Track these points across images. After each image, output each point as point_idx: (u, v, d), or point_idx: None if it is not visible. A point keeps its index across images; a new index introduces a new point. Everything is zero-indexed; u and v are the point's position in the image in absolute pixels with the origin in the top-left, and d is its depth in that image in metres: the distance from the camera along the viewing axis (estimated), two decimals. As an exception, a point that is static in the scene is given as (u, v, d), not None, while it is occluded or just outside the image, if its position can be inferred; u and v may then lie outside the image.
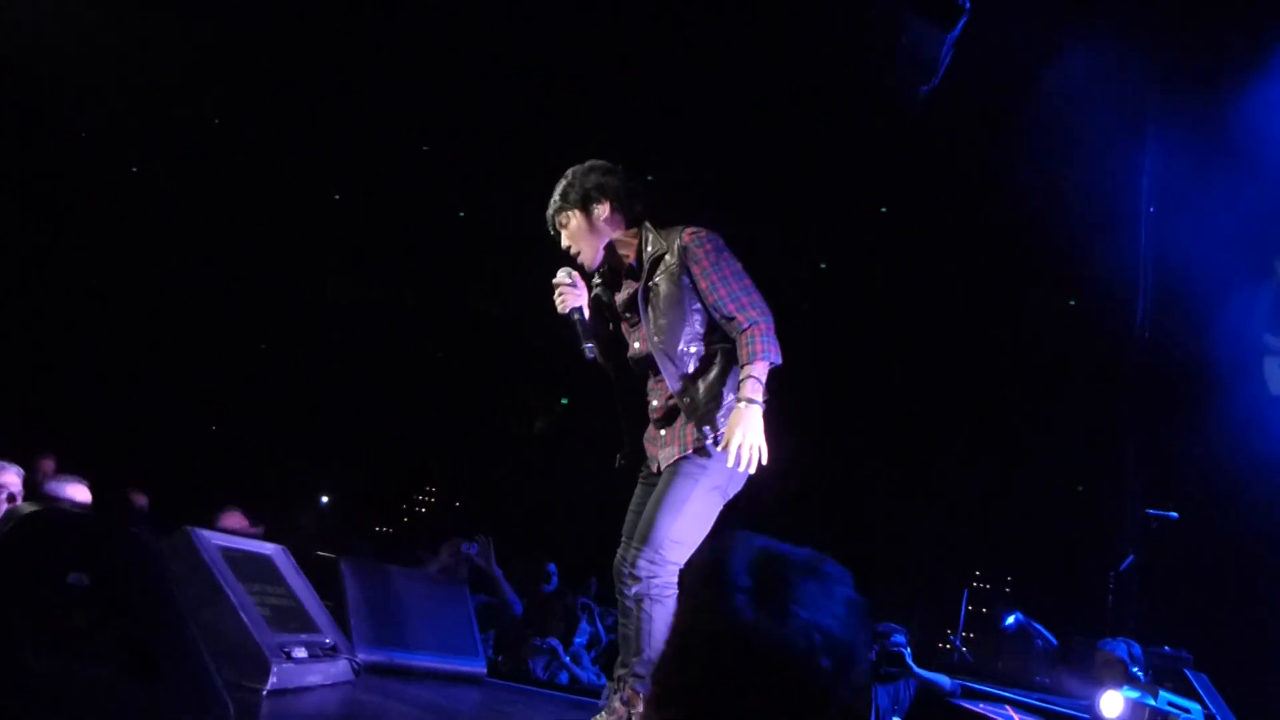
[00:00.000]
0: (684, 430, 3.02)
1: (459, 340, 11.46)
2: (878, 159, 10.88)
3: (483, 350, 11.33)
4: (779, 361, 2.99)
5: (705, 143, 10.18)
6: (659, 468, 3.10)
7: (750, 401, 2.93)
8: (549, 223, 3.27)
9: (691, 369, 3.05)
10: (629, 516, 3.10)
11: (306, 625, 2.94)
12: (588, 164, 3.26)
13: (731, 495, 3.05)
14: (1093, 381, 10.37)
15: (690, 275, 3.05)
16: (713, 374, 3.04)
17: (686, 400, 3.04)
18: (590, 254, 3.21)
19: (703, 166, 9.99)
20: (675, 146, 9.61)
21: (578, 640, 7.07)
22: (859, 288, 11.45)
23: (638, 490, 3.13)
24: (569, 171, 3.25)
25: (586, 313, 3.15)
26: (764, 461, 2.96)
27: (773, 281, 10.39)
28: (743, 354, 2.98)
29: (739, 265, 3.09)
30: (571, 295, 3.19)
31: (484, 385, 11.26)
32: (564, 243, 3.25)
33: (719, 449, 2.89)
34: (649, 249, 3.13)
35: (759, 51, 9.73)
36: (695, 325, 3.08)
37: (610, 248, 3.19)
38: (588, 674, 5.97)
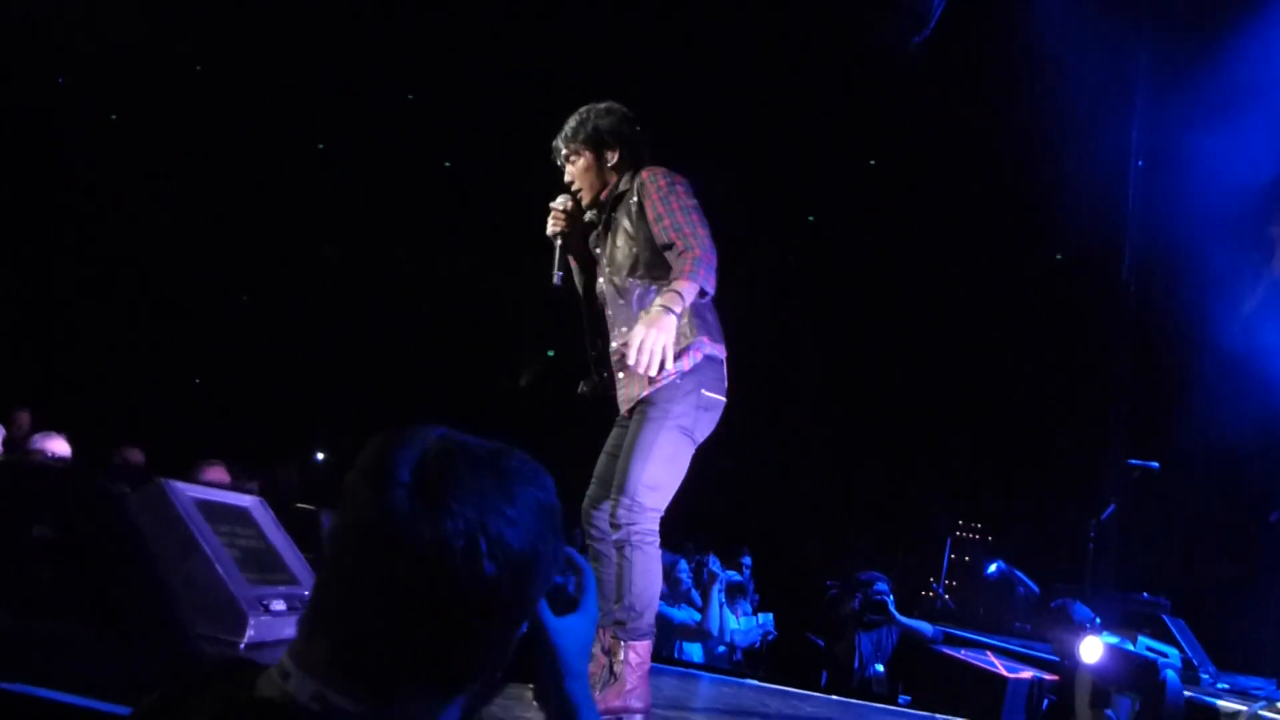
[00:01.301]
0: (639, 374, 3.01)
1: (446, 294, 11.43)
2: (868, 112, 10.81)
3: (470, 304, 11.30)
4: (710, 290, 2.94)
5: (695, 94, 10.09)
6: (625, 410, 3.11)
7: (666, 309, 2.87)
8: (554, 151, 3.28)
9: (643, 305, 3.03)
10: (602, 459, 3.10)
11: (285, 577, 2.94)
12: (605, 105, 3.26)
13: (703, 437, 3.04)
14: (1078, 334, 10.41)
15: (643, 209, 3.04)
16: None
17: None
18: (590, 194, 3.23)
19: (693, 118, 9.91)
20: (665, 97, 9.51)
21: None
22: (847, 241, 11.41)
23: (612, 433, 3.13)
24: (586, 109, 3.24)
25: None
26: (668, 367, 2.91)
27: (761, 233, 10.39)
28: (674, 271, 2.96)
29: (693, 202, 3.03)
30: (562, 223, 3.19)
31: (471, 339, 11.25)
32: (568, 177, 3.26)
33: (636, 362, 2.85)
34: (620, 188, 3.14)
35: (750, 1, 9.63)
36: (647, 262, 3.06)
37: (601, 189, 3.22)
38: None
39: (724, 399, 3.09)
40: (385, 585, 0.90)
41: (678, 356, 2.96)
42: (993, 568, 10.01)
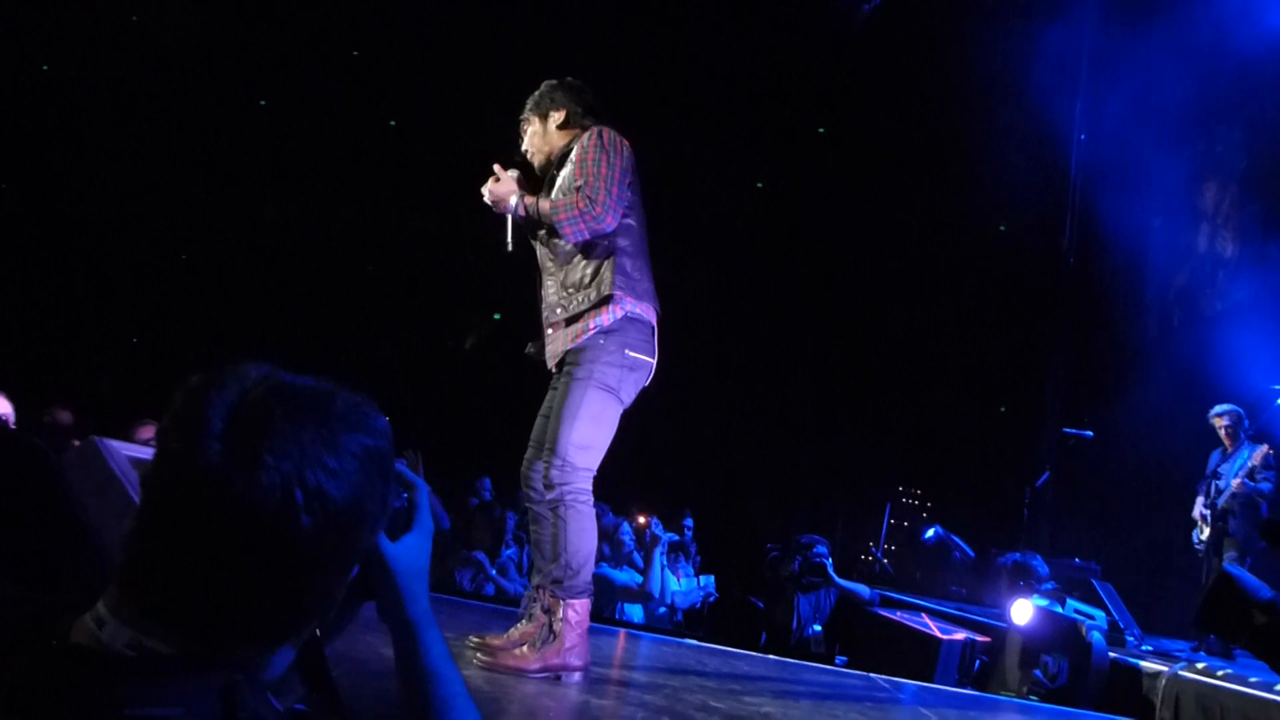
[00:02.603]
0: (564, 329, 3.06)
1: (391, 256, 11.30)
2: (818, 81, 10.85)
3: (415, 266, 11.20)
4: (572, 238, 3.04)
5: (646, 61, 10.04)
6: (550, 365, 3.14)
7: (520, 199, 3.13)
8: (520, 126, 3.41)
9: (571, 263, 3.07)
10: (537, 421, 3.13)
11: None
12: (561, 80, 3.38)
13: (630, 397, 3.07)
14: (1018, 304, 10.59)
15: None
16: (589, 270, 3.04)
17: (564, 294, 3.07)
18: (539, 158, 3.32)
19: (643, 84, 9.87)
20: (615, 64, 9.45)
21: (506, 553, 7.18)
22: (794, 209, 11.47)
23: (547, 396, 3.15)
24: (543, 84, 3.37)
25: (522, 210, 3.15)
26: (491, 202, 3.19)
27: (710, 199, 10.35)
28: (565, 197, 3.07)
29: (622, 167, 3.06)
30: (501, 188, 3.20)
31: (417, 301, 11.15)
32: (523, 146, 3.35)
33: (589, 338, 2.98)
34: (567, 148, 3.17)
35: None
36: None
37: (550, 155, 3.26)
38: (514, 585, 6.06)
39: (651, 360, 3.12)
40: (198, 538, 0.86)
41: (595, 311, 3.01)
42: (930, 533, 10.22)
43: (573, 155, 3.14)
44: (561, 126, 3.28)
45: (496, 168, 3.24)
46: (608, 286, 3.02)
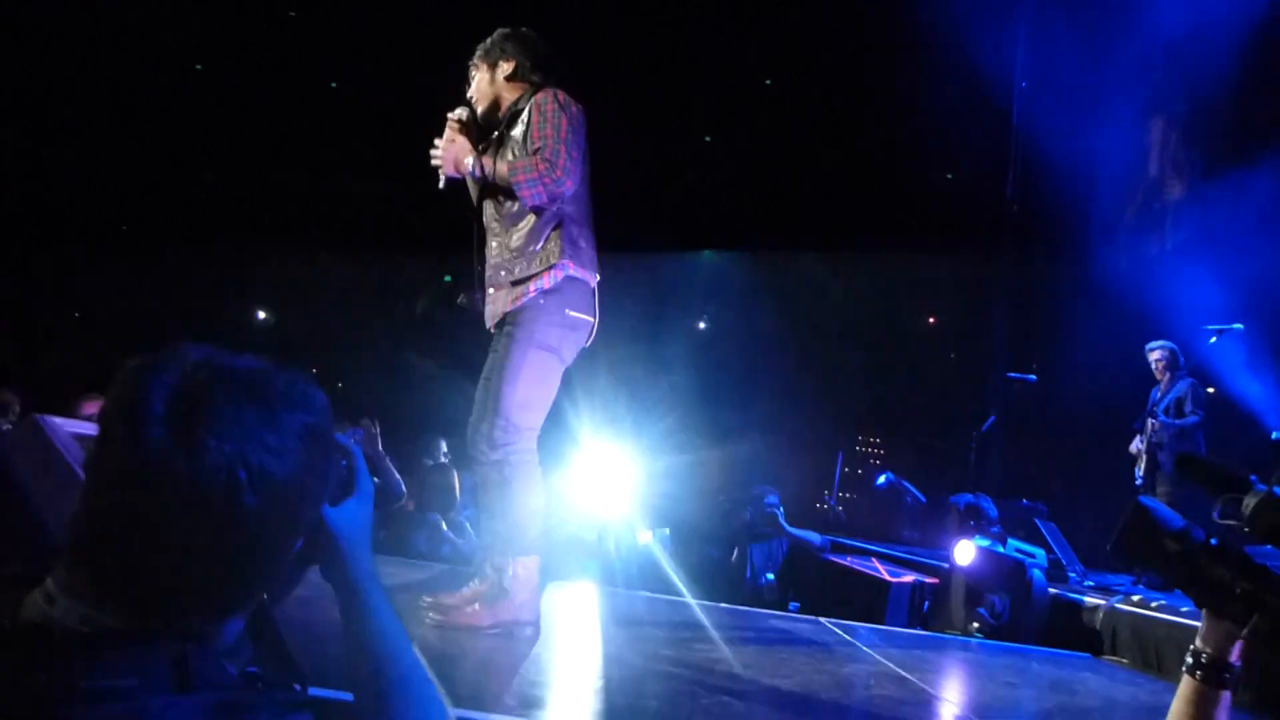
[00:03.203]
0: (505, 291, 3.08)
1: (340, 220, 11.18)
2: (764, 32, 10.81)
3: (363, 230, 11.09)
4: (530, 200, 3.05)
5: (592, 13, 9.93)
6: (490, 325, 3.16)
7: (477, 159, 3.12)
8: (468, 70, 3.38)
9: (516, 226, 3.09)
10: (480, 384, 3.15)
11: None
12: (515, 30, 3.35)
13: (571, 356, 3.11)
14: (964, 251, 10.73)
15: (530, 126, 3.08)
16: (534, 234, 3.06)
17: (505, 255, 3.09)
18: (483, 104, 3.29)
19: (589, 37, 9.78)
20: (562, 16, 9.33)
21: (464, 514, 7.21)
22: (742, 161, 11.49)
23: (489, 359, 3.17)
24: (496, 31, 3.35)
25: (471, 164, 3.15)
26: (438, 167, 3.19)
27: (659, 154, 10.27)
28: (521, 158, 3.08)
29: (575, 134, 3.06)
30: (454, 132, 3.20)
31: (367, 266, 11.06)
32: (469, 92, 3.33)
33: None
34: (517, 106, 3.16)
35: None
36: None
37: (496, 105, 3.25)
38: (470, 544, 6.10)
39: (592, 319, 3.15)
40: (144, 519, 0.88)
41: (539, 275, 3.04)
42: (882, 479, 10.43)
43: (525, 116, 3.12)
44: (509, 78, 3.26)
45: (450, 118, 3.23)
46: (555, 255, 3.04)
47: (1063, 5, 9.16)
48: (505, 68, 3.27)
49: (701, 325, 13.14)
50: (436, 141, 3.23)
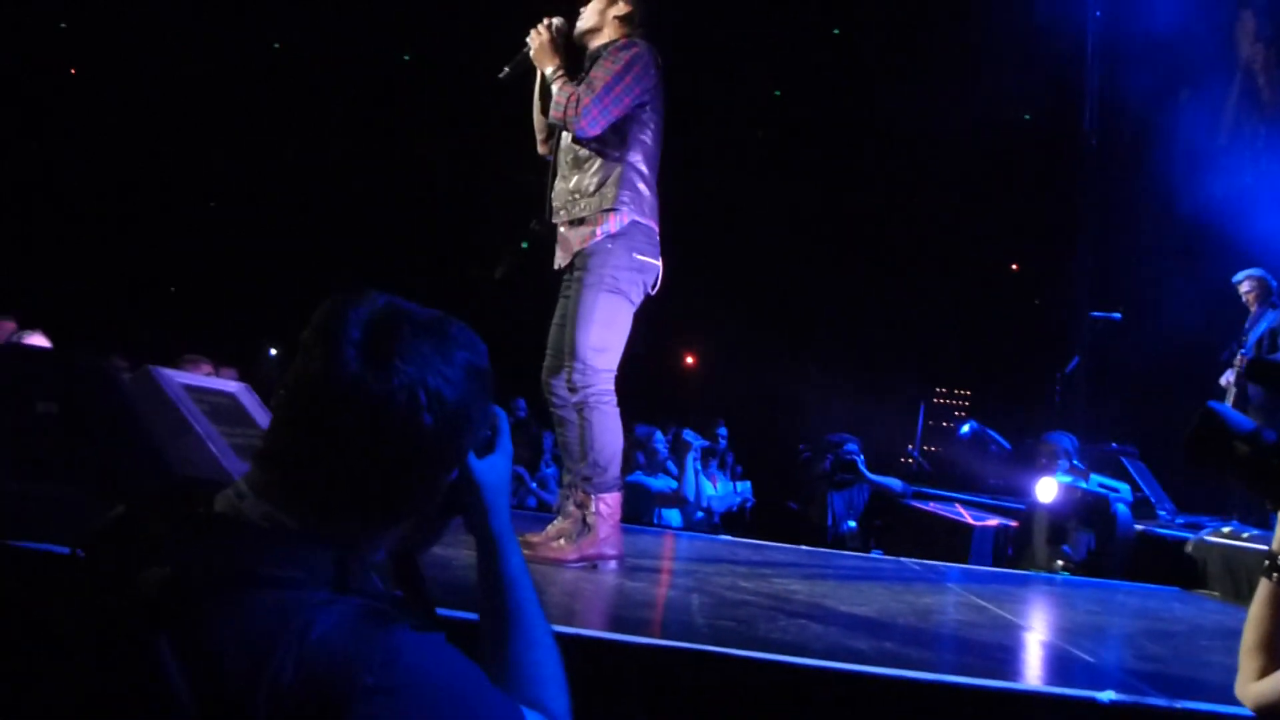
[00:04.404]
0: (571, 231, 3.20)
1: (415, 187, 11.40)
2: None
3: (440, 193, 11.29)
4: (551, 112, 3.20)
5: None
6: (558, 265, 3.27)
7: (554, 73, 3.24)
8: None
9: (582, 169, 3.18)
10: (552, 330, 3.27)
11: None
12: None
13: (640, 298, 3.20)
14: (1046, 193, 10.50)
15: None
16: (598, 179, 3.16)
17: (570, 198, 3.20)
18: (585, 24, 3.36)
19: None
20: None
21: (548, 470, 7.39)
22: (815, 113, 11.39)
23: (558, 305, 3.28)
24: None
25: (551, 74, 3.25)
26: (531, 47, 3.29)
27: (730, 110, 10.20)
28: (565, 85, 3.20)
29: (631, 90, 3.13)
30: (544, 34, 3.28)
31: (442, 229, 11.27)
32: (584, 7, 3.41)
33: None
34: (607, 48, 3.24)
35: None
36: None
37: (593, 34, 3.33)
38: (554, 498, 6.26)
39: (657, 262, 3.24)
40: (334, 430, 1.02)
41: (604, 218, 3.13)
42: (966, 428, 10.31)
43: (601, 59, 3.22)
44: (618, 18, 3.34)
45: (558, 23, 3.32)
46: (611, 200, 3.14)
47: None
48: (621, 8, 3.35)
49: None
50: (534, 30, 3.32)
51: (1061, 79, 10.01)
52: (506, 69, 3.36)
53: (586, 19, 3.37)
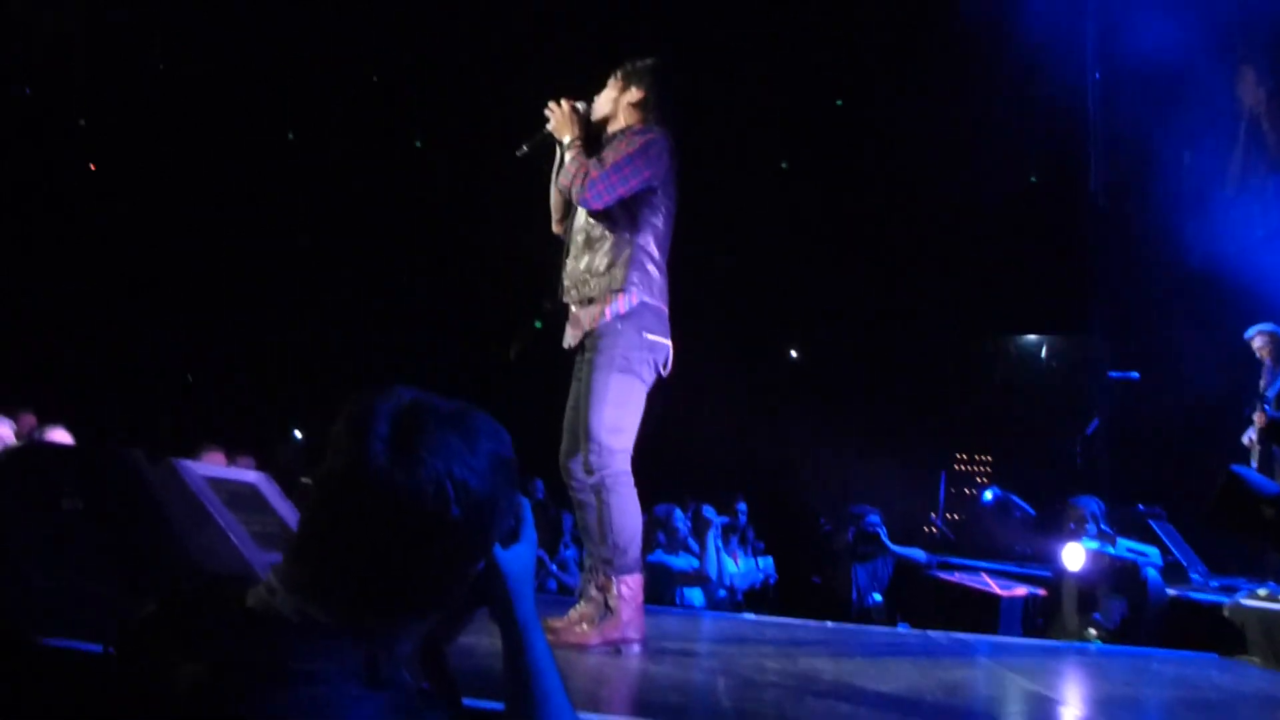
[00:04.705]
0: (580, 310, 3.23)
1: (428, 269, 11.53)
2: (833, 51, 10.85)
3: (452, 276, 11.40)
4: (559, 179, 3.28)
5: (654, 40, 10.09)
6: (568, 344, 3.29)
7: (571, 149, 3.30)
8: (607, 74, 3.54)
9: (594, 249, 3.23)
10: (567, 413, 3.28)
11: None
12: (665, 65, 3.50)
13: (652, 377, 3.20)
14: (1057, 255, 10.54)
15: None
16: (608, 260, 3.19)
17: (581, 277, 3.23)
18: (599, 112, 3.43)
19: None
20: (626, 41, 9.50)
21: (567, 553, 7.34)
22: (821, 182, 11.51)
23: (571, 388, 3.30)
24: (652, 59, 3.50)
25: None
26: (551, 122, 3.35)
27: (737, 182, 10.31)
28: (579, 159, 3.26)
29: (640, 164, 3.16)
30: (561, 113, 3.34)
31: (455, 311, 11.36)
32: (596, 98, 3.47)
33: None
34: (621, 133, 3.31)
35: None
36: (613, 206, 3.22)
37: (606, 121, 3.40)
38: (575, 580, 6.20)
39: (668, 342, 3.26)
40: (364, 523, 1.04)
41: (612, 299, 3.16)
42: (989, 494, 10.21)
43: (615, 141, 3.28)
44: (632, 104, 3.41)
45: (579, 105, 3.39)
46: (620, 280, 3.18)
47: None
48: (634, 95, 3.41)
49: (793, 354, 13.11)
50: (553, 104, 3.39)
51: (1065, 140, 10.12)
52: (525, 146, 3.43)
53: (601, 106, 3.44)
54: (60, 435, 4.13)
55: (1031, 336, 12.21)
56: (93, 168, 11.02)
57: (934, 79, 10.17)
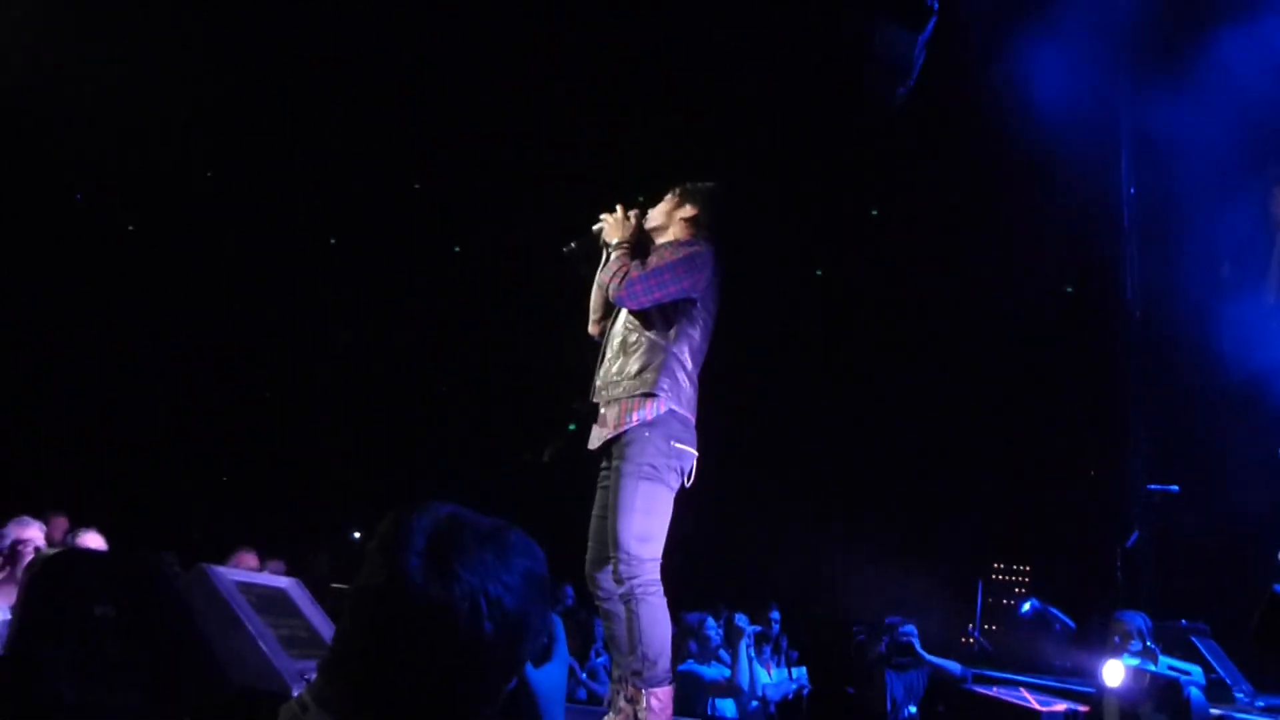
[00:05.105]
0: (608, 411, 3.25)
1: (463, 374, 11.65)
2: (863, 162, 11.05)
3: (486, 382, 11.50)
4: (600, 276, 3.38)
5: (694, 157, 10.33)
6: (593, 446, 3.31)
7: (617, 251, 3.41)
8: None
9: (628, 353, 3.26)
10: (593, 522, 3.29)
11: (324, 651, 3.05)
12: (721, 191, 3.64)
13: (678, 484, 3.21)
14: (1093, 366, 10.49)
15: None
16: (641, 364, 3.23)
17: (612, 379, 3.26)
18: (652, 222, 3.56)
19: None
20: (664, 157, 9.73)
21: (598, 661, 7.23)
22: (856, 290, 11.59)
23: (597, 496, 3.31)
24: (713, 182, 3.65)
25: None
26: (604, 225, 3.45)
27: (772, 290, 10.45)
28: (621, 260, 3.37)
29: (682, 273, 3.28)
30: (615, 219, 3.43)
31: (489, 416, 11.43)
32: (653, 208, 3.60)
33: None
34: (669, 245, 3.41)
35: (735, 63, 9.90)
36: (649, 311, 3.28)
37: (658, 232, 3.53)
38: (605, 689, 6.09)
39: (694, 451, 3.28)
40: (398, 638, 1.05)
41: (640, 404, 3.19)
42: (1026, 606, 9.97)
43: (662, 248, 3.36)
44: (685, 219, 3.52)
45: (633, 213, 3.47)
46: (650, 384, 3.21)
47: (1164, 106, 9.08)
48: (689, 210, 3.53)
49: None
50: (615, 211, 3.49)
51: (1100, 250, 10.16)
52: (573, 244, 3.53)
53: (655, 217, 3.55)
54: (93, 539, 4.16)
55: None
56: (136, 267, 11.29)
57: (967, 192, 10.31)
